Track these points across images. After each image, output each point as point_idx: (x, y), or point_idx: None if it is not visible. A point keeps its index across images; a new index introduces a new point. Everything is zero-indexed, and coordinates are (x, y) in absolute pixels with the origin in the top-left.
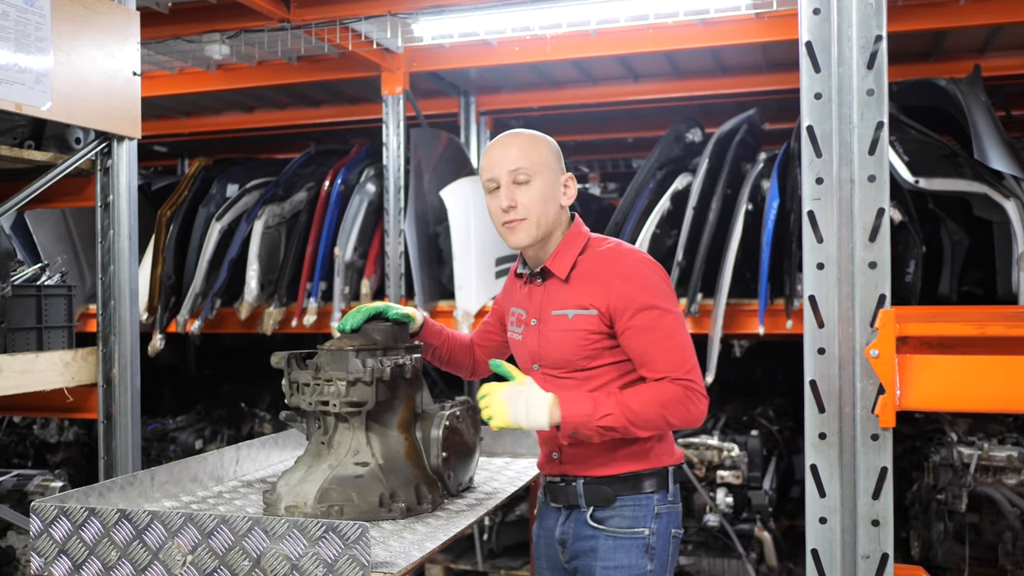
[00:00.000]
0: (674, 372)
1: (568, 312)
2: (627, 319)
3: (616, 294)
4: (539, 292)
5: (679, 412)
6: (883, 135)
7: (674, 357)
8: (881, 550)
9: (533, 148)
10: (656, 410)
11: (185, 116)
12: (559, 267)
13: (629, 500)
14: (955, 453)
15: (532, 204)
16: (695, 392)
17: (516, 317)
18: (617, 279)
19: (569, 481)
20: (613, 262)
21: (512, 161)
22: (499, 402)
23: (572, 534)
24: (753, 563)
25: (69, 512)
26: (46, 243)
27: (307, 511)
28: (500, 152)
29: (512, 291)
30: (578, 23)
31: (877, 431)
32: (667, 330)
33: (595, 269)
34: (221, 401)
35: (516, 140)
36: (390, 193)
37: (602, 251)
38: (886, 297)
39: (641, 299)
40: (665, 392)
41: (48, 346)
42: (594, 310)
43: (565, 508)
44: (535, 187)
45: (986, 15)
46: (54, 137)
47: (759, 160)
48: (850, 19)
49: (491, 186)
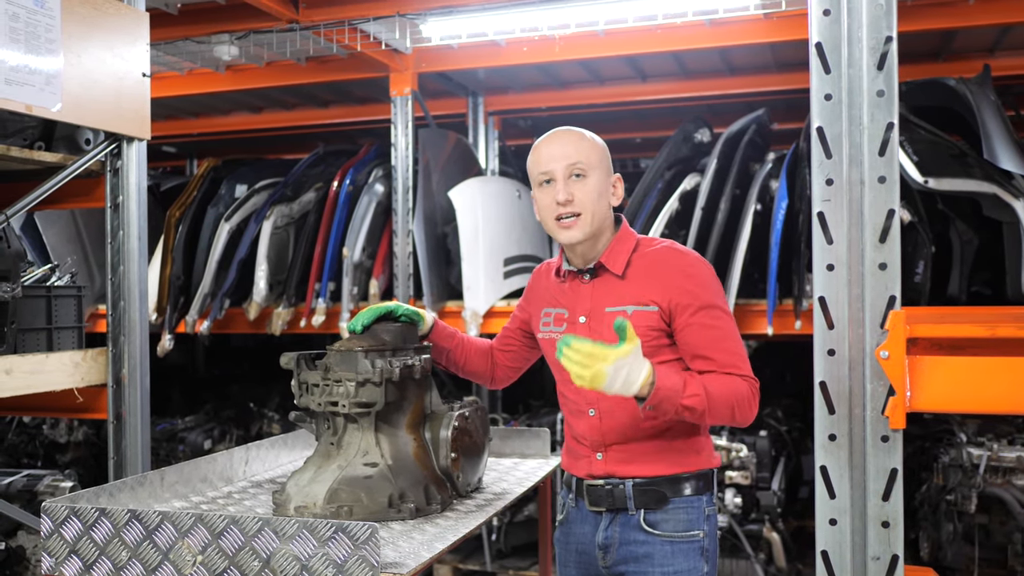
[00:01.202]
0: (740, 369)
1: (627, 308)
2: (688, 315)
3: (678, 291)
4: (587, 289)
5: (744, 409)
6: (893, 136)
7: (736, 356)
8: (891, 552)
9: (589, 144)
10: (729, 401)
11: (194, 117)
12: (615, 263)
13: (681, 502)
14: (964, 454)
15: (588, 199)
16: (757, 392)
17: (554, 316)
18: (679, 276)
19: (616, 483)
20: (673, 259)
21: (570, 155)
22: (602, 372)
23: (618, 539)
24: (762, 564)
25: (80, 512)
26: (56, 244)
27: (316, 512)
28: (558, 146)
29: (545, 291)
30: (586, 23)
31: (887, 432)
32: (727, 329)
33: (654, 265)
34: (230, 401)
35: (572, 136)
36: (398, 193)
37: (658, 249)
38: (896, 298)
39: (703, 297)
40: (739, 387)
41: (58, 347)
42: (654, 306)
43: (609, 512)
44: (591, 182)
45: (995, 15)
46: (64, 138)
47: (768, 160)
48: (860, 20)
49: (543, 179)
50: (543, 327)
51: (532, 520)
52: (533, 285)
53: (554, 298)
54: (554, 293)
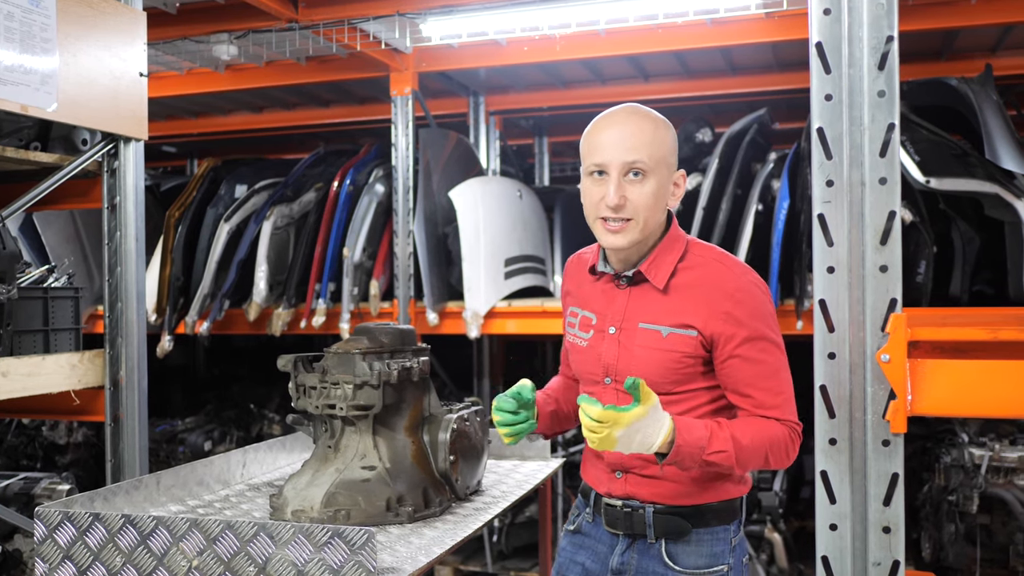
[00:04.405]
0: (782, 413)
1: (662, 329)
2: (733, 347)
3: (723, 318)
4: (622, 297)
5: (780, 456)
6: (894, 137)
7: (780, 395)
8: (892, 557)
9: (655, 137)
10: (762, 452)
11: (194, 116)
12: (657, 275)
13: (706, 534)
14: (966, 454)
15: (643, 204)
16: (798, 436)
17: (581, 320)
18: (727, 300)
19: (636, 507)
20: (722, 279)
21: (631, 150)
22: (612, 437)
23: (635, 567)
24: (764, 564)
25: (73, 517)
26: (54, 244)
27: (314, 515)
28: (618, 133)
29: (576, 288)
30: (587, 23)
31: (888, 437)
32: (775, 365)
33: (699, 283)
34: (230, 402)
35: (639, 122)
36: (399, 194)
37: (707, 262)
38: (897, 301)
39: (751, 327)
40: (776, 434)
41: (55, 348)
42: (694, 331)
43: (626, 536)
44: (649, 185)
45: (997, 14)
46: (60, 138)
47: (769, 160)
48: (861, 20)
49: (595, 169)
50: (568, 328)
51: (533, 521)
52: (567, 282)
53: (584, 299)
54: (585, 293)
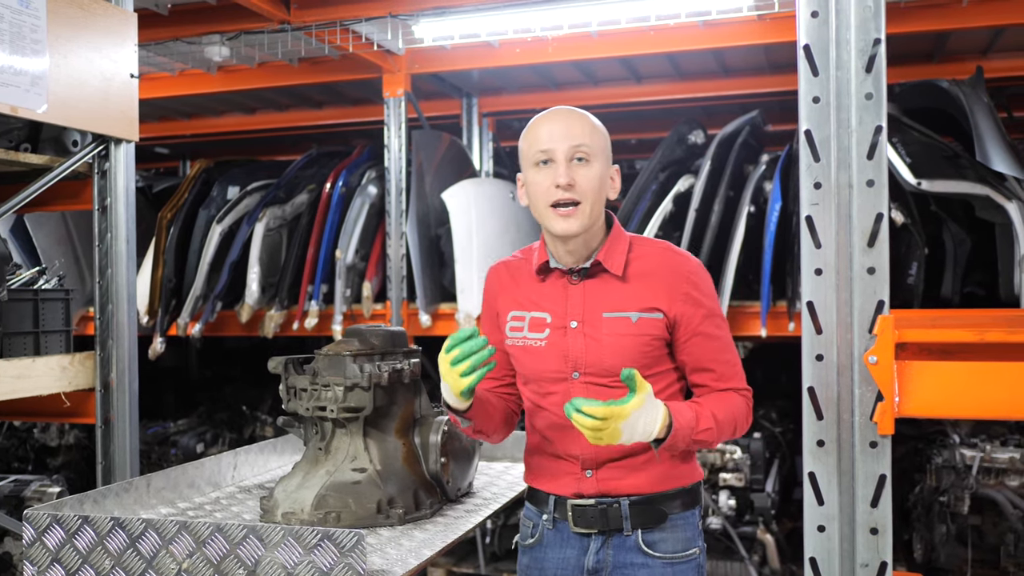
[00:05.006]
0: (739, 382)
1: (631, 315)
2: (695, 325)
3: (684, 298)
4: (577, 292)
5: (743, 425)
6: (882, 139)
7: (736, 366)
8: (880, 558)
9: (594, 129)
10: (732, 423)
11: (187, 118)
12: (613, 263)
13: (679, 519)
14: (957, 455)
15: (590, 187)
16: (751, 403)
17: (531, 322)
18: (685, 282)
19: (609, 503)
20: (677, 263)
21: (575, 136)
22: (617, 429)
23: (612, 562)
24: (756, 565)
25: (62, 520)
26: (46, 246)
27: (304, 518)
28: (562, 124)
29: (513, 293)
30: (579, 25)
31: (876, 438)
32: (727, 339)
33: (655, 269)
34: (223, 404)
35: (577, 115)
36: (392, 195)
37: (657, 250)
38: (885, 303)
39: (708, 305)
40: (738, 404)
41: (45, 351)
42: (660, 313)
43: (600, 534)
44: (594, 169)
45: (989, 16)
46: (51, 140)
47: (762, 162)
48: (848, 22)
49: (541, 158)
50: (511, 332)
51: None
52: (495, 290)
53: (529, 300)
54: (529, 295)
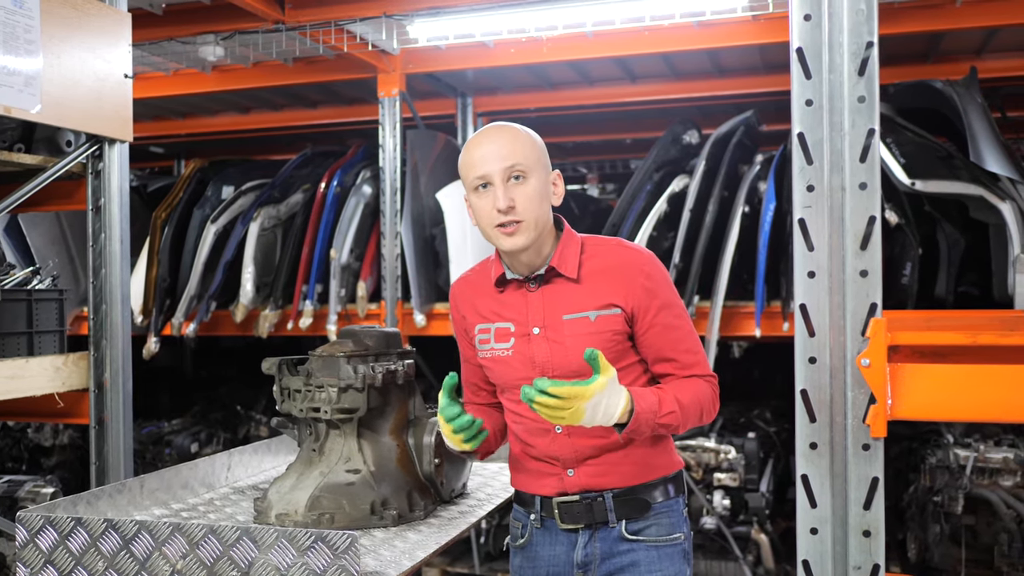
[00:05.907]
0: (701, 368)
1: (589, 314)
2: (651, 316)
3: (640, 291)
4: (536, 299)
5: (710, 411)
6: (874, 142)
7: (697, 354)
8: (872, 561)
9: (526, 143)
10: (698, 408)
11: (181, 117)
12: (567, 266)
13: (663, 507)
14: (951, 455)
15: (530, 204)
16: (717, 389)
17: (496, 332)
18: (640, 275)
19: (593, 497)
20: (630, 258)
21: (507, 156)
22: (580, 409)
23: (600, 553)
24: (750, 565)
25: (55, 522)
26: (40, 246)
27: (298, 519)
28: (492, 146)
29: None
30: (574, 25)
31: (868, 441)
32: (686, 327)
33: (610, 266)
34: (218, 404)
35: (506, 134)
36: (386, 195)
37: (609, 248)
38: (877, 306)
39: (663, 296)
40: (703, 389)
41: (39, 351)
42: (618, 308)
43: (586, 528)
44: (531, 185)
45: (983, 17)
46: (44, 140)
47: (756, 162)
48: (841, 25)
49: (478, 183)
50: (480, 345)
51: None
52: (461, 307)
53: (492, 312)
54: (491, 307)
